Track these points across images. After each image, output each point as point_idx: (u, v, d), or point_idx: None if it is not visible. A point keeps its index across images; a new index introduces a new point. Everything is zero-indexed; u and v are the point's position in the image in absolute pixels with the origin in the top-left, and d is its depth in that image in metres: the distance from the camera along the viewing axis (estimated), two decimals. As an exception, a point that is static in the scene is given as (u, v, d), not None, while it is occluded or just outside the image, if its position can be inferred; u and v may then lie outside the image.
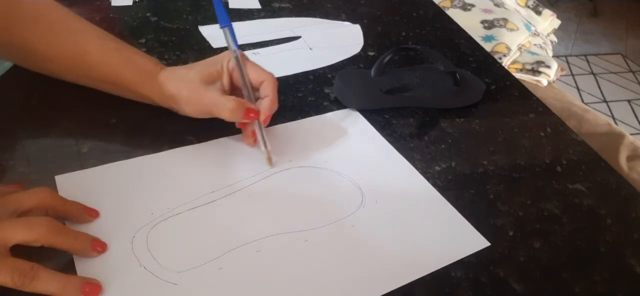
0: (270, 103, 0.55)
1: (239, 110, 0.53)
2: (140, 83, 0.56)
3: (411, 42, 0.83)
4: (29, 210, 0.43)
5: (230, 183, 0.52)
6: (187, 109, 0.55)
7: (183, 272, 0.43)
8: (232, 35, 0.55)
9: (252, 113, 0.53)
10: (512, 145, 0.63)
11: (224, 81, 0.55)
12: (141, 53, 0.57)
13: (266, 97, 0.55)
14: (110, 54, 0.56)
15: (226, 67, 0.55)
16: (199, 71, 0.55)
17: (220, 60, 0.55)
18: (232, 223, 0.48)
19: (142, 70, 0.56)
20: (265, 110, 0.54)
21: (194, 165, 0.54)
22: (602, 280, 0.47)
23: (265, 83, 0.55)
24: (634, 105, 2.32)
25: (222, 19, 0.56)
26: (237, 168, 0.54)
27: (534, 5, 1.40)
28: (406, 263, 0.46)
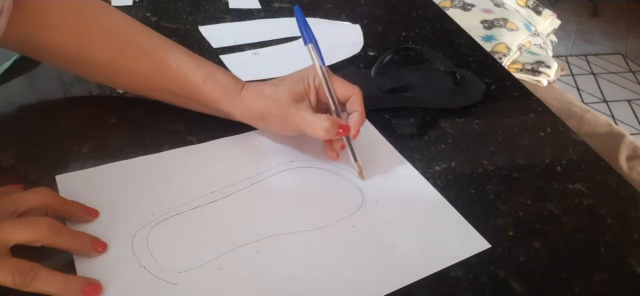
0: (359, 117, 0.54)
1: (333, 128, 0.52)
2: (223, 101, 0.55)
3: (411, 42, 0.83)
4: (29, 210, 0.43)
5: (231, 184, 0.52)
6: (276, 127, 0.55)
7: (183, 272, 0.43)
8: (318, 52, 0.54)
9: (343, 129, 0.53)
10: (512, 145, 0.63)
11: (311, 98, 0.55)
12: (220, 69, 0.57)
13: (355, 112, 0.54)
14: (190, 70, 0.55)
15: (312, 84, 0.54)
16: (287, 89, 0.54)
17: (306, 76, 0.55)
18: (232, 224, 0.48)
19: (224, 87, 0.55)
20: (356, 124, 0.53)
21: (194, 165, 0.54)
22: (602, 280, 0.47)
23: (353, 97, 0.54)
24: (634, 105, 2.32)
25: (306, 36, 0.55)
26: (237, 168, 0.54)
27: (534, 5, 1.40)
28: (407, 264, 0.46)
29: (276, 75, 0.69)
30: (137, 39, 0.56)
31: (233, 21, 0.82)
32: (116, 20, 0.57)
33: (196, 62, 0.56)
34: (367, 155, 0.58)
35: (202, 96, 0.56)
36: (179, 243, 0.46)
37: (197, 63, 0.56)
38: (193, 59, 0.57)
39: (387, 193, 0.53)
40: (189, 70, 0.55)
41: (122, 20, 0.57)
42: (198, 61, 0.56)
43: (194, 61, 0.56)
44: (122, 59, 0.56)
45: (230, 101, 0.55)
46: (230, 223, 0.48)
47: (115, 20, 0.57)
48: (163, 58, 0.56)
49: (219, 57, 0.72)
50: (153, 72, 0.56)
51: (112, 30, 0.56)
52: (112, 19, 0.57)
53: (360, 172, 0.54)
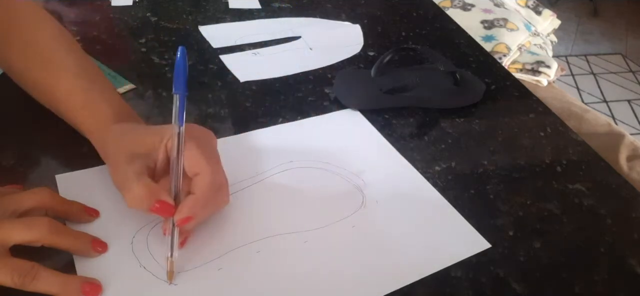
0: (192, 203, 0.43)
1: (146, 201, 0.42)
2: (91, 133, 0.50)
3: (411, 42, 0.83)
4: (29, 210, 0.43)
5: (230, 184, 0.52)
6: (111, 176, 0.46)
7: (183, 272, 0.43)
8: (182, 107, 0.43)
9: (164, 209, 0.42)
10: (512, 145, 0.63)
11: (158, 157, 0.45)
12: (111, 98, 0.52)
13: (191, 196, 0.44)
14: (75, 93, 0.51)
15: (165, 142, 0.45)
16: (135, 137, 0.46)
17: (162, 132, 0.45)
18: (232, 224, 0.48)
19: (97, 118, 0.50)
20: (183, 210, 0.43)
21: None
22: (602, 280, 0.47)
23: (199, 177, 0.44)
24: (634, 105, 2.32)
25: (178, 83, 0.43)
26: (238, 168, 0.54)
27: (534, 5, 1.40)
28: (406, 264, 0.46)
29: (276, 75, 0.70)
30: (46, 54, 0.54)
31: (233, 21, 0.82)
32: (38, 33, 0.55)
33: (87, 87, 0.51)
34: (367, 155, 0.58)
35: (79, 124, 0.51)
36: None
37: (87, 88, 0.51)
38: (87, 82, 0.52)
39: (387, 193, 0.53)
40: (75, 93, 0.51)
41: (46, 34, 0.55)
42: (91, 86, 0.52)
43: (85, 85, 0.52)
44: (28, 71, 0.54)
45: (95, 135, 0.50)
46: (230, 223, 0.48)
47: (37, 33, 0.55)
48: (58, 77, 0.52)
49: (219, 57, 0.72)
50: (48, 89, 0.53)
51: (29, 42, 0.54)
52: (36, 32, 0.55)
53: (170, 272, 0.42)
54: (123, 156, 0.44)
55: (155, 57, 0.71)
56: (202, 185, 0.44)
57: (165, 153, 0.45)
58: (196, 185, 0.44)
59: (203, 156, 0.44)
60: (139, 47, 0.72)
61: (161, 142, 0.45)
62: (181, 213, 0.43)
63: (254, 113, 0.63)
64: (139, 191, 0.42)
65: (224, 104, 0.64)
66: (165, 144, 0.45)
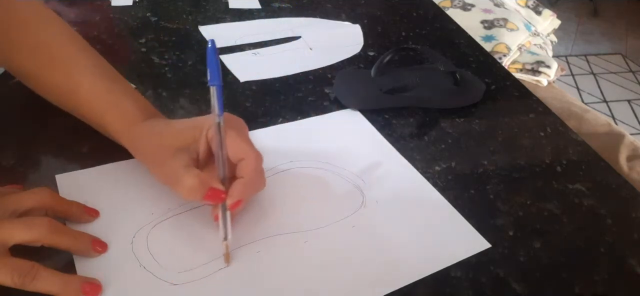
0: (242, 187, 0.45)
1: (200, 190, 0.44)
2: (119, 132, 0.51)
3: (411, 42, 0.83)
4: (29, 210, 0.43)
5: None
6: (152, 171, 0.48)
7: (183, 272, 0.43)
8: (220, 99, 0.44)
9: (217, 195, 0.44)
10: (512, 145, 0.63)
11: (200, 148, 0.47)
12: (133, 97, 0.52)
13: (240, 179, 0.45)
14: (99, 94, 0.51)
15: (206, 133, 0.47)
16: (175, 132, 0.47)
17: (201, 124, 0.47)
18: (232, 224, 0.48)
19: (124, 117, 0.50)
20: (234, 194, 0.45)
21: (194, 165, 0.54)
22: (602, 280, 0.47)
23: (245, 162, 0.46)
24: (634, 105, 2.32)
25: (213, 76, 0.44)
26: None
27: (534, 5, 1.40)
28: (406, 264, 0.46)
29: (276, 75, 0.70)
30: (61, 56, 0.53)
31: (233, 21, 0.82)
32: (49, 35, 0.54)
33: (110, 87, 0.52)
34: (367, 155, 0.58)
35: (105, 123, 0.51)
36: (179, 243, 0.46)
37: (110, 88, 0.52)
38: (108, 83, 0.52)
39: (387, 193, 0.53)
40: (100, 94, 0.51)
41: (57, 35, 0.55)
42: (112, 86, 0.52)
43: (107, 85, 0.52)
44: (42, 75, 0.54)
45: (124, 133, 0.50)
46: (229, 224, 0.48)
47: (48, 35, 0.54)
48: (77, 79, 0.52)
49: (219, 57, 0.72)
50: (67, 92, 0.53)
51: (41, 45, 0.54)
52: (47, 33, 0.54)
53: (226, 255, 0.45)
54: (167, 152, 0.46)
55: (155, 57, 0.71)
56: (249, 170, 0.46)
57: (206, 144, 0.47)
58: (242, 170, 0.46)
59: (245, 142, 0.46)
60: (139, 47, 0.73)
61: (201, 134, 0.47)
62: (232, 197, 0.45)
63: (254, 113, 0.63)
64: (192, 182, 0.44)
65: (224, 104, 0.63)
66: (206, 135, 0.47)
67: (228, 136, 0.45)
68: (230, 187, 0.45)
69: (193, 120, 0.49)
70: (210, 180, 0.44)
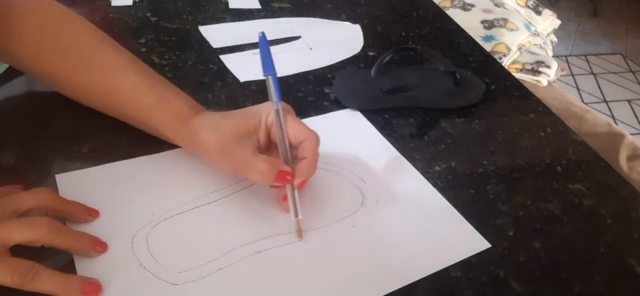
0: (307, 166, 0.48)
1: (271, 173, 0.47)
2: (170, 128, 0.52)
3: (411, 42, 0.83)
4: (29, 210, 0.43)
5: (231, 184, 0.52)
6: (215, 162, 0.51)
7: (183, 272, 0.43)
8: (276, 86, 0.49)
9: (288, 176, 0.48)
10: (512, 145, 0.63)
11: (260, 136, 0.50)
12: (177, 92, 0.54)
13: (304, 159, 0.49)
14: (143, 92, 0.52)
15: (265, 121, 0.50)
16: (235, 123, 0.50)
17: (259, 112, 0.50)
18: (232, 224, 0.48)
19: (174, 113, 0.52)
20: (302, 173, 0.48)
21: (195, 165, 0.54)
22: (602, 280, 0.47)
23: (306, 143, 0.49)
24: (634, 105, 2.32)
25: (266, 66, 0.49)
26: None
27: (534, 5, 1.40)
28: (406, 264, 0.46)
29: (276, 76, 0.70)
30: (96, 54, 0.54)
31: (233, 21, 0.82)
32: (77, 34, 0.55)
33: (152, 83, 0.53)
34: (367, 155, 0.58)
35: (152, 121, 0.53)
36: (179, 243, 0.46)
37: (152, 84, 0.53)
38: (150, 79, 0.53)
39: (387, 193, 0.53)
40: (143, 91, 0.52)
41: (84, 33, 0.55)
42: (154, 82, 0.53)
43: (149, 82, 0.53)
44: (77, 76, 0.54)
45: (178, 128, 0.51)
46: (230, 223, 0.48)
47: (75, 34, 0.55)
48: (118, 77, 0.53)
49: (219, 57, 0.72)
50: (106, 91, 0.54)
51: (72, 45, 0.54)
52: (73, 31, 0.55)
53: (298, 230, 0.48)
54: (232, 142, 0.48)
55: (155, 57, 0.71)
56: (311, 150, 0.49)
57: (266, 131, 0.50)
58: (305, 151, 0.49)
59: (303, 125, 0.50)
60: (139, 47, 0.72)
61: (260, 122, 0.50)
62: (300, 176, 0.48)
63: (254, 113, 0.63)
64: (264, 167, 0.47)
65: (224, 104, 0.64)
66: (265, 122, 0.50)
67: (288, 121, 0.49)
68: (294, 167, 0.48)
69: (248, 109, 0.51)
70: (279, 163, 0.48)
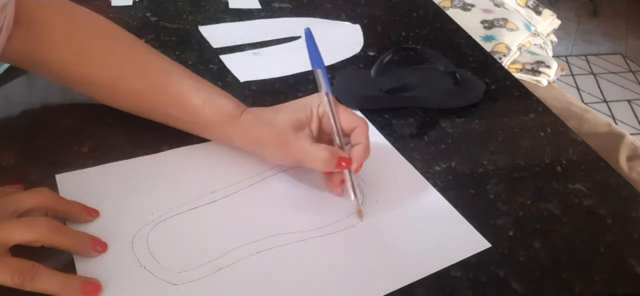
0: (363, 150, 0.51)
1: (332, 160, 0.49)
2: (221, 126, 0.53)
3: (411, 42, 0.83)
4: (29, 210, 0.43)
5: (231, 184, 0.52)
6: (273, 155, 0.52)
7: (183, 272, 0.43)
8: (326, 78, 0.52)
9: (345, 162, 0.49)
10: (512, 145, 0.63)
11: (312, 127, 0.52)
12: (221, 92, 0.55)
13: (359, 145, 0.51)
14: (190, 92, 0.54)
15: (316, 112, 0.52)
16: (288, 116, 0.51)
17: (309, 104, 0.52)
18: (232, 224, 0.48)
19: (223, 112, 0.53)
20: (359, 158, 0.50)
21: (195, 165, 0.54)
22: (602, 280, 0.47)
23: (358, 129, 0.51)
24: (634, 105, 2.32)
25: (315, 60, 0.52)
26: (238, 168, 0.54)
27: (534, 5, 1.40)
28: (406, 264, 0.46)
29: (276, 75, 0.70)
30: (136, 58, 0.56)
31: (233, 21, 0.82)
32: (117, 38, 0.56)
33: (197, 85, 0.55)
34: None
35: (200, 120, 0.54)
36: (179, 243, 0.46)
37: (197, 86, 0.55)
38: (194, 81, 0.55)
39: (387, 193, 0.53)
40: (189, 92, 0.54)
41: (124, 38, 0.56)
42: (199, 84, 0.55)
43: (194, 84, 0.55)
44: (121, 79, 0.55)
45: (228, 126, 0.53)
46: (230, 223, 0.48)
47: (116, 38, 0.56)
48: (163, 79, 0.54)
49: (219, 57, 0.72)
50: (152, 93, 0.55)
51: (112, 48, 0.55)
52: (113, 37, 0.56)
53: (358, 210, 0.50)
54: (289, 134, 0.50)
55: (155, 57, 0.71)
56: (364, 135, 0.51)
57: (318, 120, 0.52)
58: (358, 137, 0.51)
59: (353, 113, 0.52)
60: (139, 47, 0.72)
61: (313, 113, 0.52)
62: (357, 161, 0.50)
63: (254, 113, 0.63)
64: (325, 155, 0.49)
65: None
66: (317, 113, 0.52)
67: (340, 109, 0.52)
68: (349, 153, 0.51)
69: (298, 102, 0.53)
70: (337, 150, 0.50)
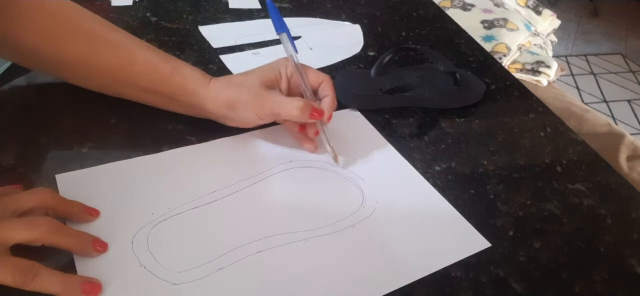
0: (331, 101, 0.56)
1: (307, 109, 0.53)
2: (191, 92, 0.56)
3: (411, 42, 0.83)
4: (29, 210, 0.43)
5: (231, 184, 0.52)
6: (246, 115, 0.55)
7: (183, 272, 0.43)
8: (291, 40, 0.57)
9: (317, 113, 0.54)
10: (512, 145, 0.63)
11: (282, 86, 0.56)
12: (186, 63, 0.58)
13: (327, 96, 0.56)
14: (158, 63, 0.56)
15: (284, 72, 0.56)
16: (259, 76, 0.55)
17: (277, 66, 0.56)
18: (232, 224, 0.48)
19: (192, 78, 0.56)
20: (329, 108, 0.55)
21: (194, 165, 0.54)
22: (602, 280, 0.47)
23: (324, 84, 0.56)
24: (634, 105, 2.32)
25: (278, 25, 0.57)
26: (238, 168, 0.54)
27: (534, 5, 1.40)
28: (406, 264, 0.46)
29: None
30: (105, 34, 0.57)
31: (233, 21, 0.82)
32: (85, 18, 0.58)
33: (163, 56, 0.57)
34: (367, 155, 0.58)
35: (169, 88, 0.56)
36: (179, 243, 0.46)
37: (163, 57, 0.57)
38: (159, 53, 0.57)
39: (387, 193, 0.53)
40: (157, 63, 0.56)
41: (91, 18, 0.58)
42: (165, 55, 0.57)
43: (160, 55, 0.57)
44: (91, 54, 0.56)
45: (198, 92, 0.56)
46: (230, 223, 0.48)
47: (83, 18, 0.58)
48: (130, 52, 0.57)
49: (219, 57, 0.72)
50: (121, 66, 0.57)
51: (81, 27, 0.57)
52: (81, 17, 0.58)
53: (335, 156, 0.56)
54: (263, 91, 0.54)
55: (156, 57, 0.71)
56: (330, 89, 0.56)
57: (287, 80, 0.57)
58: (325, 90, 0.57)
59: (317, 70, 0.57)
60: (139, 47, 0.72)
61: (281, 74, 0.56)
62: (329, 110, 0.55)
63: (254, 113, 0.63)
64: (300, 104, 0.53)
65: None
66: (285, 73, 0.56)
67: (306, 68, 0.57)
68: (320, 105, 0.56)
69: (265, 66, 0.57)
70: (310, 102, 0.54)
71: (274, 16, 0.58)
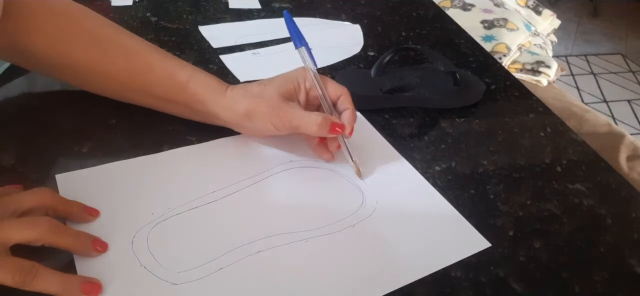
0: (352, 114, 0.54)
1: (326, 125, 0.52)
2: (207, 101, 0.54)
3: (411, 42, 0.83)
4: (29, 210, 0.43)
5: (231, 184, 0.52)
6: (264, 126, 0.53)
7: (183, 272, 0.43)
8: (310, 54, 0.56)
9: (338, 127, 0.53)
10: (512, 145, 0.63)
11: (300, 98, 0.55)
12: (203, 71, 0.56)
13: (347, 110, 0.54)
14: (173, 70, 0.55)
15: (303, 84, 0.55)
16: (277, 88, 0.54)
17: (295, 77, 0.55)
18: (232, 223, 0.48)
19: (208, 87, 0.55)
20: (350, 121, 0.54)
21: (194, 165, 0.54)
22: (602, 280, 0.47)
23: (343, 96, 0.55)
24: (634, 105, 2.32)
25: (297, 40, 0.56)
26: (238, 168, 0.54)
27: (534, 5, 1.40)
28: (406, 264, 0.46)
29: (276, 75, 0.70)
30: (118, 40, 0.56)
31: (233, 21, 0.82)
32: (97, 23, 0.57)
33: (178, 63, 0.56)
34: (367, 155, 0.58)
35: (185, 97, 0.55)
36: (179, 243, 0.46)
37: (179, 64, 0.56)
38: (175, 60, 0.56)
39: (387, 193, 0.53)
40: (172, 71, 0.55)
41: (104, 23, 0.57)
42: (180, 62, 0.56)
43: (176, 63, 0.56)
44: (103, 60, 0.55)
45: (214, 101, 0.54)
46: (230, 223, 0.48)
47: (96, 23, 0.57)
48: (145, 59, 0.56)
49: (219, 57, 0.72)
50: (135, 73, 0.55)
51: (93, 32, 0.56)
52: (94, 21, 0.57)
53: (358, 170, 0.54)
54: (281, 103, 0.53)
55: (156, 57, 0.70)
56: (349, 102, 0.55)
57: (305, 93, 0.55)
58: (344, 103, 0.55)
59: (336, 83, 0.56)
60: (139, 47, 0.72)
61: (299, 86, 0.55)
62: (349, 124, 0.54)
63: (254, 113, 0.63)
64: (320, 119, 0.52)
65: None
66: (304, 85, 0.55)
67: (325, 80, 0.55)
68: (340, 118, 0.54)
69: (283, 76, 0.55)
70: (329, 117, 0.53)
71: (292, 30, 0.56)
